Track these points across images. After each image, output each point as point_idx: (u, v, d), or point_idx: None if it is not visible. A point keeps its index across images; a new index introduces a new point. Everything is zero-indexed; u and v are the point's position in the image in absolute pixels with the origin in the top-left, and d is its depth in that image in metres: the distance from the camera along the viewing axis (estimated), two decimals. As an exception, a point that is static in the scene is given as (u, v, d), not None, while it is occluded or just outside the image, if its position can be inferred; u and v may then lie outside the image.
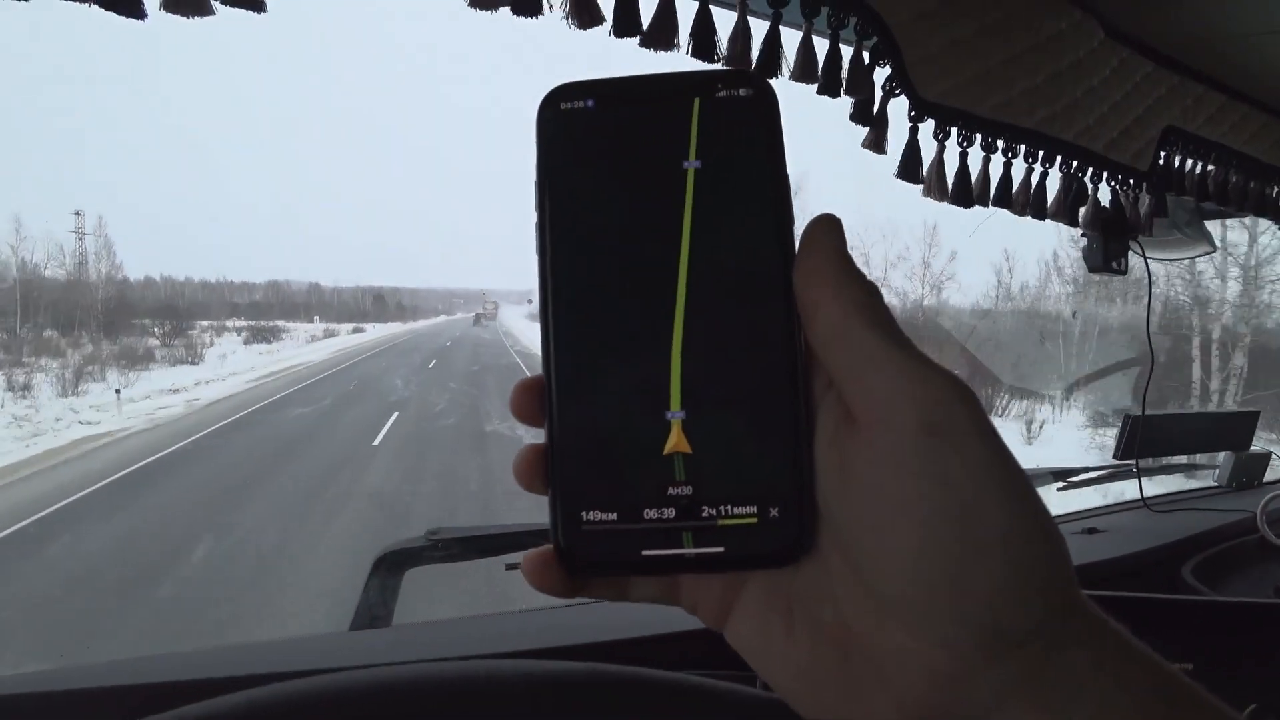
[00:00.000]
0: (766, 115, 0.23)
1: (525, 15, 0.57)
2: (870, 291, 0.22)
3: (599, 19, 0.58)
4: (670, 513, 0.21)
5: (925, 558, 0.20)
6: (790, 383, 0.22)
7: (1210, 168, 1.17)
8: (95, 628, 3.68)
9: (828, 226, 0.22)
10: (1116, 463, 1.35)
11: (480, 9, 0.56)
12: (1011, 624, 0.20)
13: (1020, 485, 0.20)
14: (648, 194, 0.22)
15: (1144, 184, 1.05)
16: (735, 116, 0.23)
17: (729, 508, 0.21)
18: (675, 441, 0.22)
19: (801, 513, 0.21)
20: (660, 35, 0.60)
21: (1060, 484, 1.34)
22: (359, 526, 5.28)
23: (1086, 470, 1.35)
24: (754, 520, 0.21)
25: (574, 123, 0.23)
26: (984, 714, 0.20)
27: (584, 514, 0.22)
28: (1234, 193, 1.23)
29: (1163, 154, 1.08)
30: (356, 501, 5.93)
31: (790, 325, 0.22)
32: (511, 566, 0.94)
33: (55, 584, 4.26)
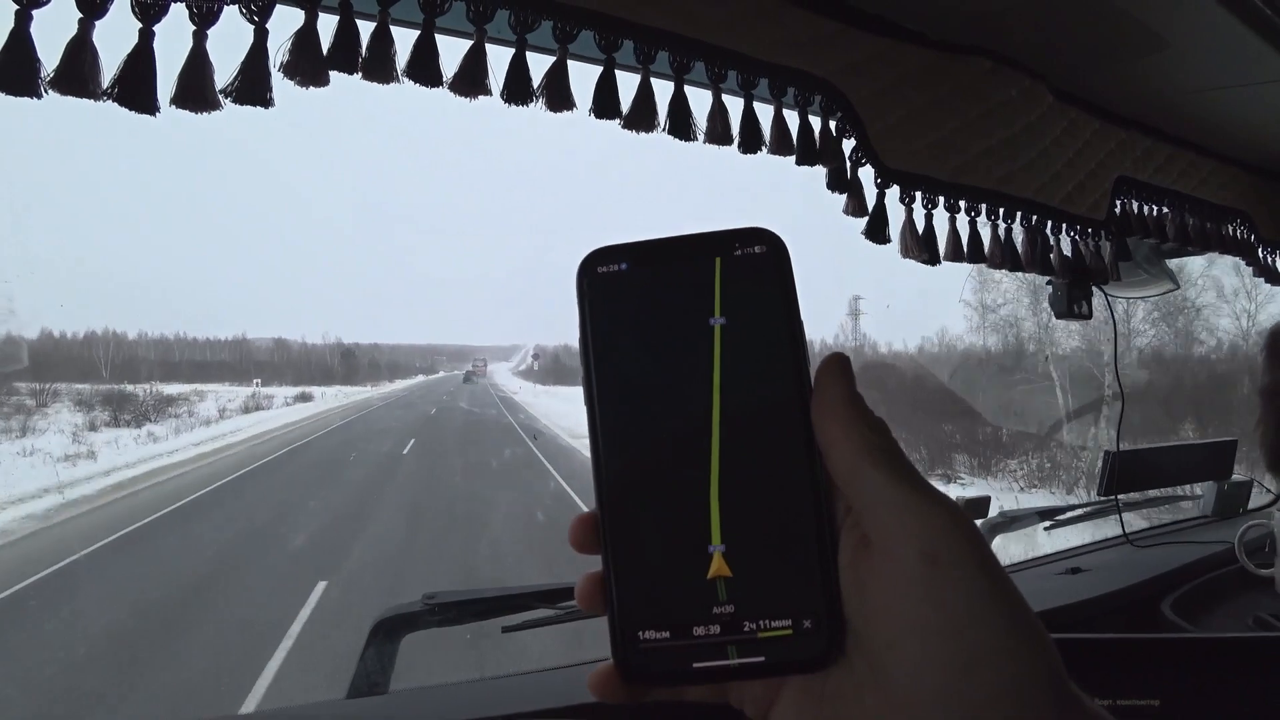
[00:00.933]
0: (780, 268, 0.26)
1: (516, 104, 0.62)
2: (877, 429, 0.25)
3: (572, 104, 0.62)
4: (716, 629, 0.24)
5: (925, 671, 0.23)
6: (814, 513, 0.25)
7: (1165, 211, 1.23)
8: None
9: (837, 368, 0.26)
10: (1101, 499, 1.37)
11: (467, 98, 0.60)
12: None
13: (1011, 605, 0.23)
14: (681, 349, 0.26)
15: (1102, 232, 1.11)
16: (753, 272, 0.26)
17: (767, 622, 0.25)
18: (717, 568, 0.25)
19: (830, 625, 0.24)
20: (640, 118, 0.64)
21: (1047, 523, 1.36)
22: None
23: (1072, 509, 1.37)
24: (789, 632, 0.24)
25: (611, 285, 0.26)
26: None
27: (640, 633, 0.25)
28: (1194, 233, 1.29)
29: (1118, 202, 1.15)
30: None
31: (812, 461, 0.25)
32: (509, 629, 0.94)
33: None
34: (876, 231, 0.78)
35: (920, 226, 0.83)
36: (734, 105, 0.72)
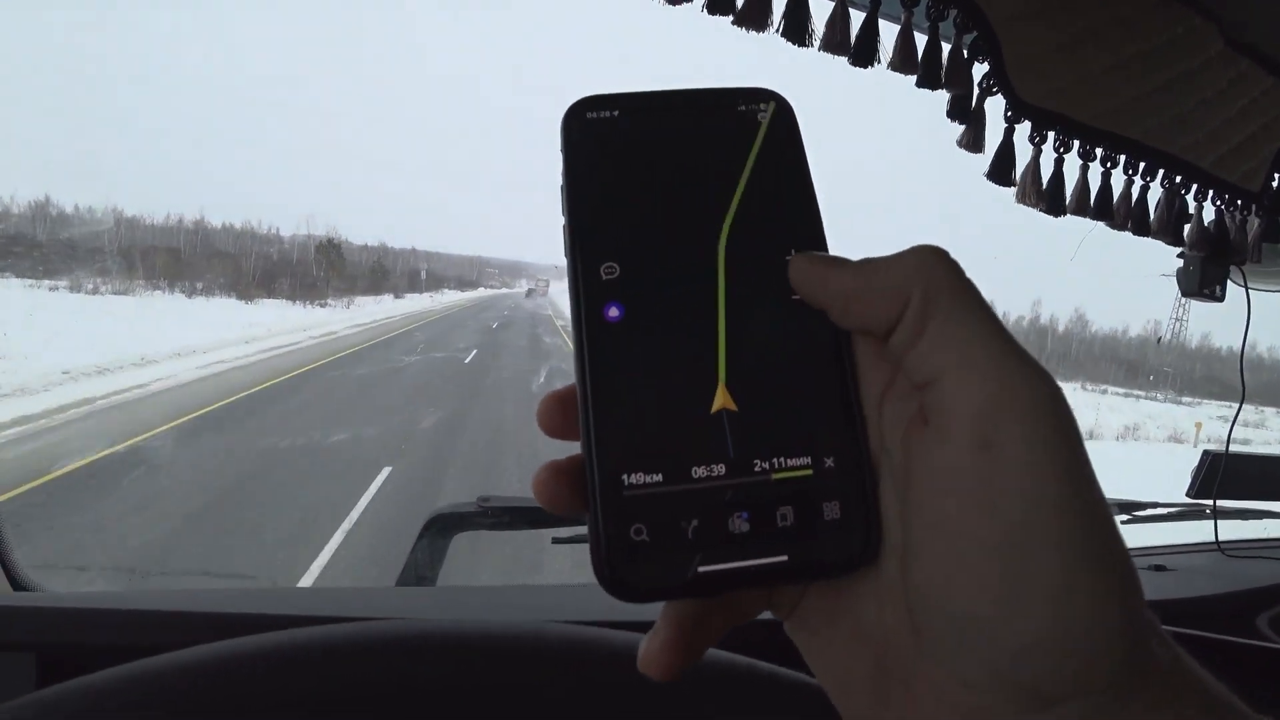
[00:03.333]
0: (786, 127, 0.24)
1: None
2: (946, 265, 0.20)
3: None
4: (720, 469, 0.20)
5: (956, 594, 0.18)
6: (841, 389, 0.22)
7: (1328, 195, 1.08)
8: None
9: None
10: (1190, 501, 1.27)
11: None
12: (1047, 686, 0.17)
13: (1086, 520, 0.17)
14: (677, 197, 0.23)
15: (1252, 206, 0.98)
16: (756, 131, 0.24)
17: (781, 460, 0.21)
18: (722, 401, 0.21)
19: (861, 507, 0.21)
20: (753, 14, 0.59)
21: (1125, 516, 1.27)
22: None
23: (1156, 505, 1.28)
24: (809, 473, 0.21)
25: (600, 132, 0.24)
26: None
27: (626, 477, 0.20)
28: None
29: (1276, 175, 1.01)
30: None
31: (834, 331, 0.22)
32: (559, 540, 0.95)
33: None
34: (1002, 172, 0.70)
35: (1047, 172, 0.75)
36: (855, 18, 0.65)
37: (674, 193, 0.23)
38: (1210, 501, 1.20)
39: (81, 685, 0.31)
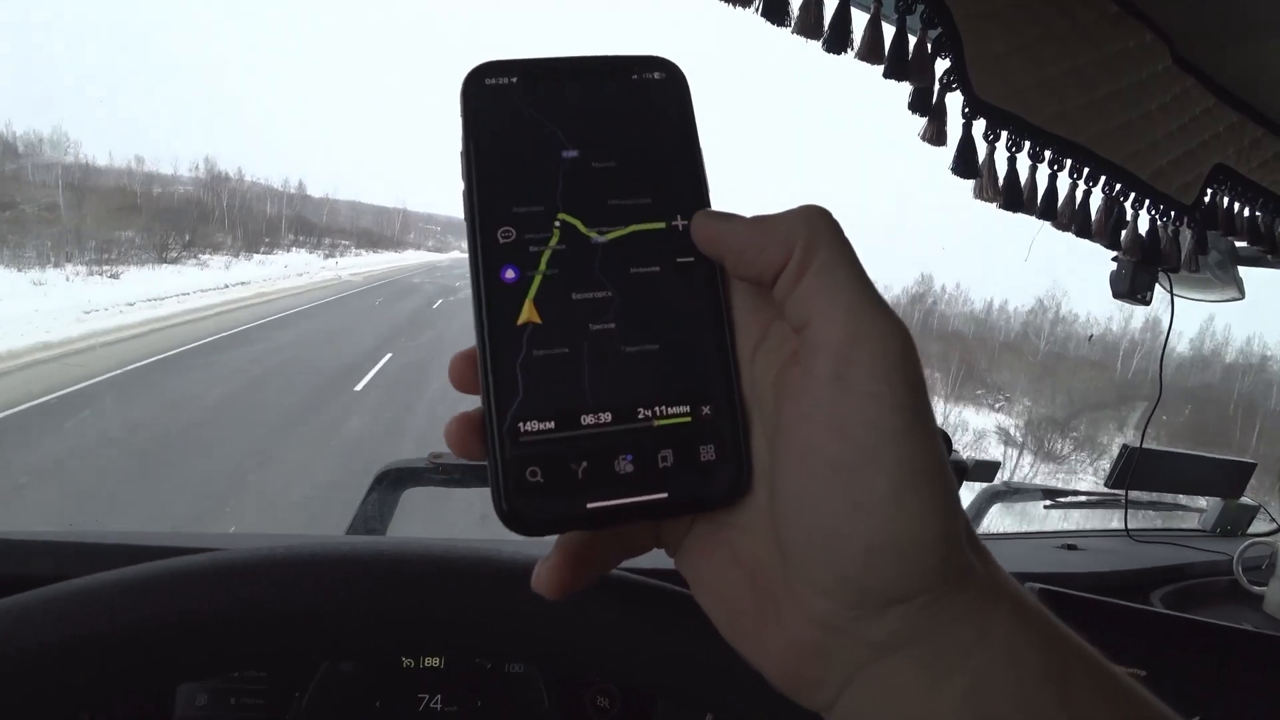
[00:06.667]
0: (678, 96, 0.25)
1: None
2: (814, 221, 0.22)
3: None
4: (607, 416, 0.23)
5: (810, 510, 0.21)
6: (718, 344, 0.24)
7: (1258, 214, 1.16)
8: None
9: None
10: (1107, 490, 1.37)
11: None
12: (884, 586, 0.20)
13: (917, 446, 0.20)
14: (570, 162, 0.24)
15: (1185, 218, 1.04)
16: (649, 98, 0.25)
17: (663, 408, 0.23)
18: (607, 356, 0.23)
19: (733, 444, 0.23)
20: (732, -7, 0.60)
21: (1048, 501, 1.36)
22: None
23: (1076, 493, 1.37)
24: (688, 419, 0.23)
25: (498, 98, 0.25)
26: (860, 665, 0.21)
27: (522, 424, 0.22)
28: (1280, 241, 1.21)
29: (1209, 191, 1.07)
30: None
31: (713, 275, 0.24)
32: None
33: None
34: (965, 165, 0.73)
35: (1002, 169, 0.78)
36: (828, 4, 0.67)
37: (566, 158, 0.24)
38: (1124, 491, 1.29)
39: None
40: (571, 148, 0.24)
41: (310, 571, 0.32)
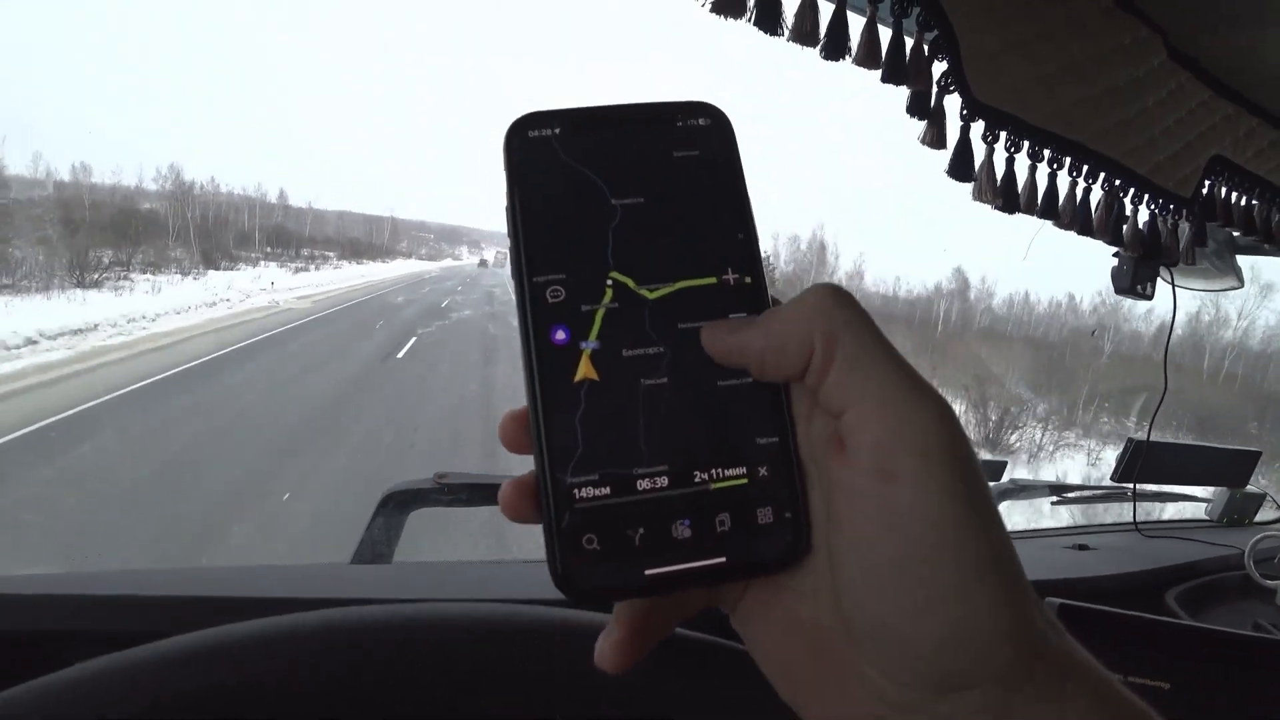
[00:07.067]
0: (724, 143, 0.25)
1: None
2: (843, 301, 0.21)
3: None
4: (663, 481, 0.22)
5: (872, 603, 0.20)
6: (773, 406, 0.23)
7: (1254, 203, 1.15)
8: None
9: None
10: (1113, 484, 1.36)
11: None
12: (956, 674, 0.19)
13: (978, 536, 0.19)
14: (618, 216, 0.23)
15: (1183, 211, 1.04)
16: (695, 146, 0.24)
17: (719, 471, 0.22)
18: (663, 418, 0.23)
19: (792, 505, 0.22)
20: (729, 2, 0.59)
21: (1055, 498, 1.36)
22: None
23: (1083, 488, 1.36)
24: (744, 481, 0.22)
25: (542, 150, 0.24)
26: None
27: (577, 491, 0.22)
28: (1277, 230, 1.21)
29: (1207, 183, 1.07)
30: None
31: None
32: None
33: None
34: (962, 168, 0.73)
35: (1000, 170, 0.78)
36: (824, 10, 0.66)
37: (613, 212, 0.24)
38: (1131, 485, 1.29)
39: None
40: (618, 201, 0.24)
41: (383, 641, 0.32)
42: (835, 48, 0.63)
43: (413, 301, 19.06)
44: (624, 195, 0.24)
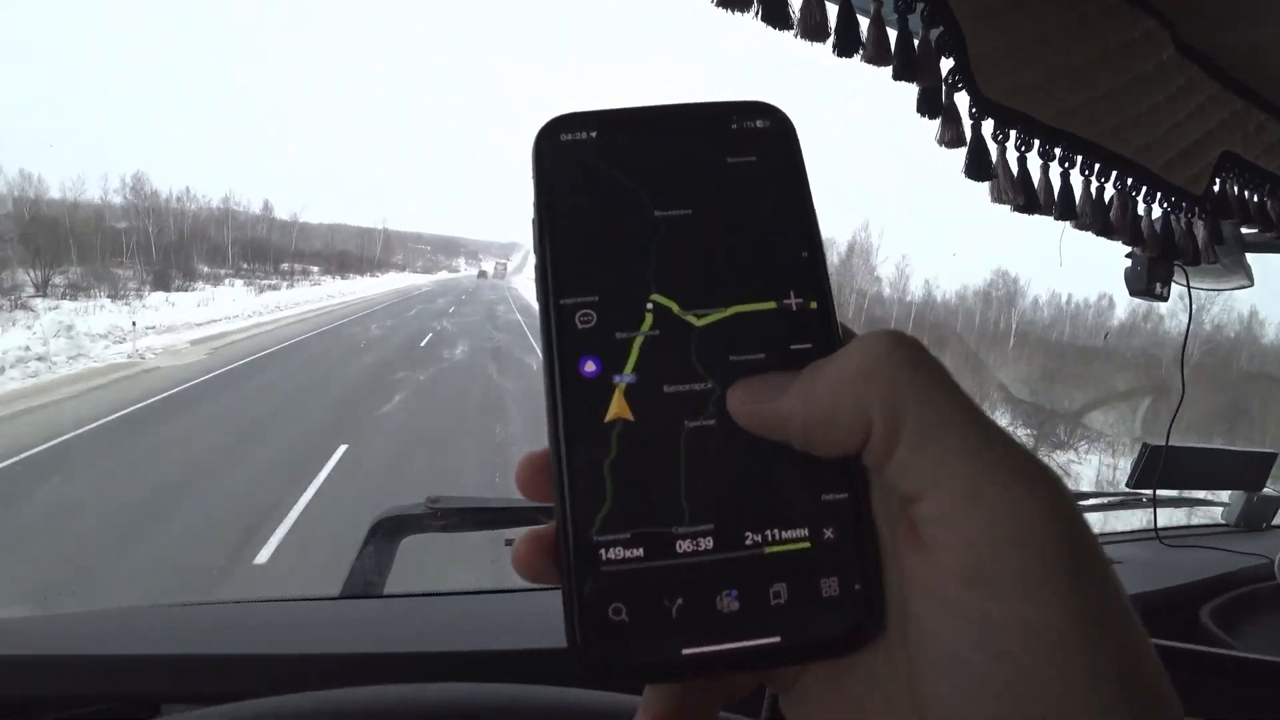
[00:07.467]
0: (786, 148, 0.21)
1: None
2: (923, 364, 0.17)
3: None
4: (707, 543, 0.18)
5: (966, 706, 0.16)
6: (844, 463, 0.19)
7: (1265, 199, 1.13)
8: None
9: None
10: (1129, 490, 1.32)
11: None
12: None
13: (1101, 655, 0.15)
14: (663, 232, 0.20)
15: (1195, 209, 1.01)
16: (751, 151, 0.21)
17: (776, 532, 0.18)
18: (710, 467, 0.19)
19: (868, 598, 0.18)
20: (731, -1, 0.56)
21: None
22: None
23: (1098, 495, 1.32)
24: (806, 545, 0.18)
25: (577, 157, 0.21)
26: None
27: (604, 552, 0.18)
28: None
29: (1219, 179, 1.04)
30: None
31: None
32: (510, 542, 0.92)
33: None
34: (979, 168, 0.69)
35: (1015, 169, 0.75)
36: (828, 9, 0.64)
37: (656, 226, 0.20)
38: (1149, 491, 1.25)
39: None
40: (662, 213, 0.20)
41: None
42: (846, 44, 0.60)
43: (387, 337, 14.29)
44: (669, 206, 0.20)
